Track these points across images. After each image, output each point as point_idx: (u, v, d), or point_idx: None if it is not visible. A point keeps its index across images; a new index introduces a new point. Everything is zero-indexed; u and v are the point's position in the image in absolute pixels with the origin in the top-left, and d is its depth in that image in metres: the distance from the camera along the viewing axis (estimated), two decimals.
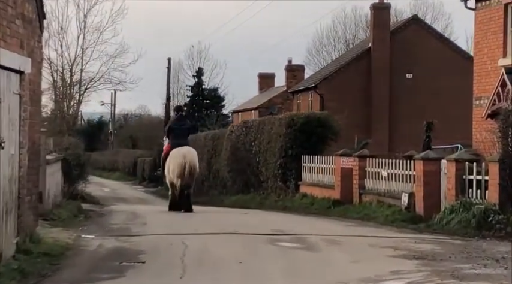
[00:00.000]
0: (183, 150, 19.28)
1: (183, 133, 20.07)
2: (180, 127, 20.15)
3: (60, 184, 21.63)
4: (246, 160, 27.06)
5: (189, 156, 19.18)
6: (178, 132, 19.95)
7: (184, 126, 20.35)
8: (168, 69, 55.22)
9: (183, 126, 20.28)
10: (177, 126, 20.19)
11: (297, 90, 48.98)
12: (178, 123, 20.40)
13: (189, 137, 20.76)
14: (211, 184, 32.72)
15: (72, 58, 37.69)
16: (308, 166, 23.40)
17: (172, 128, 20.24)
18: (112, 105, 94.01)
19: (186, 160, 18.99)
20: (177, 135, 19.89)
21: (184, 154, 19.17)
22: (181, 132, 19.99)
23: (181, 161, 19.00)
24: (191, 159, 19.17)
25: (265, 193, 25.65)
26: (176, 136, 19.88)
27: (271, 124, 25.15)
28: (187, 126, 20.70)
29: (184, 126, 20.36)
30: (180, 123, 20.39)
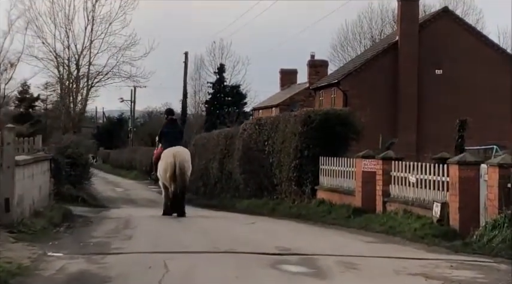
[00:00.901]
0: (173, 150, 18.67)
1: (175, 136, 19.48)
2: (172, 130, 19.60)
3: (48, 188, 19.29)
4: (258, 161, 24.61)
5: (179, 155, 18.48)
6: (171, 135, 19.39)
7: (176, 129, 19.85)
8: (184, 63, 53.02)
9: (174, 129, 19.76)
10: (168, 130, 19.65)
11: (319, 87, 46.69)
12: (169, 126, 19.81)
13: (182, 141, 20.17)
14: (224, 186, 30.32)
15: (79, 50, 35.41)
16: (326, 169, 20.89)
17: (164, 132, 19.70)
18: (132, 101, 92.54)
19: (176, 159, 18.33)
20: (169, 139, 19.33)
21: (174, 153, 18.51)
22: (174, 135, 19.43)
23: (171, 160, 18.41)
24: (181, 158, 18.45)
25: (279, 198, 23.18)
26: (168, 140, 19.31)
27: (286, 122, 22.65)
28: (179, 129, 20.25)
29: (176, 130, 19.86)
30: (172, 126, 19.82)
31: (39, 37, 34.62)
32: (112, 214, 21.77)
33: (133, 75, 36.41)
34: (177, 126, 20.34)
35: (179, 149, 18.80)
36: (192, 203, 33.32)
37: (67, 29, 35.09)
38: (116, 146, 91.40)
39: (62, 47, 35.07)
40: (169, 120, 20.11)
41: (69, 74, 35.27)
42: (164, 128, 19.95)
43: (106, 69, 35.77)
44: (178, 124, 20.68)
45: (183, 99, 54.17)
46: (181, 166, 18.41)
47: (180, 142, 19.53)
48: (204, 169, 33.55)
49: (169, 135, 19.46)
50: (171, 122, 20.05)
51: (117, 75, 35.92)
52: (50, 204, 19.06)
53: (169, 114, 20.57)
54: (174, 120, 20.42)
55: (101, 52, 35.58)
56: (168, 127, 19.86)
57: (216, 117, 64.23)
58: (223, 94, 69.25)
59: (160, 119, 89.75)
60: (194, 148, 37.09)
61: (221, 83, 69.89)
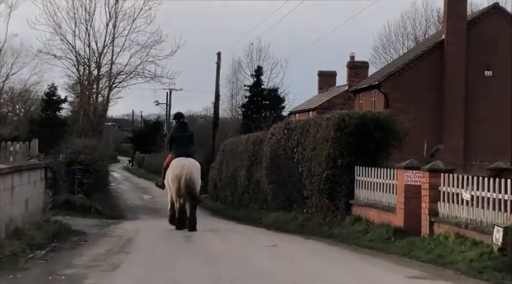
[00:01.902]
0: (182, 161, 17.86)
1: (186, 141, 18.73)
2: (182, 135, 18.82)
3: (42, 200, 16.77)
4: (287, 170, 21.86)
5: (186, 168, 17.62)
6: (181, 140, 18.68)
7: (186, 133, 18.95)
8: (217, 64, 50.36)
9: (185, 134, 18.91)
10: (179, 135, 18.89)
11: (358, 89, 43.91)
12: (179, 130, 19.06)
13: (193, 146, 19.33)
14: (251, 196, 27.64)
15: (100, 48, 32.96)
16: (362, 181, 18.06)
17: (174, 137, 19.06)
18: (167, 105, 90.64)
19: (182, 172, 17.56)
20: (179, 144, 18.61)
21: (182, 165, 17.72)
22: (184, 140, 18.71)
23: (178, 173, 17.67)
24: (188, 171, 17.58)
25: (309, 212, 20.40)
26: (179, 145, 18.59)
27: (317, 126, 19.87)
28: (190, 133, 19.20)
29: (187, 134, 18.97)
30: (182, 130, 19.01)
31: (58, 34, 32.32)
32: (118, 229, 19.28)
33: (158, 76, 33.82)
34: (188, 130, 19.27)
35: (187, 161, 17.89)
36: (219, 213, 30.88)
37: (87, 25, 32.72)
38: (152, 150, 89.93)
39: (82, 44, 32.78)
40: (179, 124, 19.25)
41: (89, 74, 32.86)
42: (174, 132, 19.26)
43: (129, 68, 33.32)
44: (188, 129, 19.55)
45: (215, 101, 51.49)
46: (188, 179, 17.56)
47: (190, 148, 18.79)
48: (232, 177, 30.95)
49: (179, 139, 18.72)
50: (182, 126, 19.17)
51: (141, 75, 33.39)
52: (43, 219, 16.54)
53: (180, 118, 19.56)
54: (185, 124, 19.43)
55: (123, 50, 33.14)
56: (177, 131, 19.16)
57: (253, 121, 61.97)
58: (260, 98, 67.02)
59: (200, 123, 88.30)
60: (223, 153, 34.56)
61: (258, 86, 67.61)
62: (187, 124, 19.64)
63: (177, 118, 19.62)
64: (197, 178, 17.98)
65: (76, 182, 25.68)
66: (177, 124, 19.49)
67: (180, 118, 19.48)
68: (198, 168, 18.25)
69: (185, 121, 19.64)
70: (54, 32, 32.14)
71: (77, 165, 25.59)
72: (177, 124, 19.39)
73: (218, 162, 35.33)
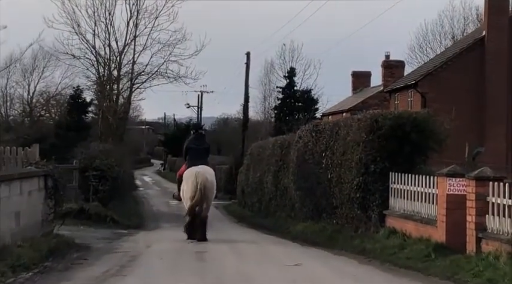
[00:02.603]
0: (196, 169, 17.29)
1: (201, 153, 18.04)
2: (198, 147, 18.07)
3: (40, 212, 15.11)
4: (315, 176, 19.98)
5: (200, 175, 17.06)
6: (196, 152, 17.95)
7: (202, 146, 18.25)
8: (246, 65, 48.70)
9: (201, 146, 18.19)
10: (194, 146, 18.08)
11: (394, 89, 41.91)
12: (195, 142, 18.23)
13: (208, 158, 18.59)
14: (279, 203, 25.81)
15: (120, 47, 31.29)
16: (398, 189, 16.13)
17: (189, 148, 18.17)
18: (198, 107, 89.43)
19: (197, 179, 16.98)
20: (194, 155, 17.89)
21: (196, 173, 17.13)
22: (199, 152, 17.99)
23: (193, 180, 17.09)
24: (203, 179, 17.02)
25: (338, 223, 18.52)
26: (193, 157, 17.87)
27: (348, 128, 17.97)
28: (206, 146, 18.55)
29: (203, 146, 18.27)
30: (198, 142, 18.23)
31: (77, 33, 30.73)
32: (129, 242, 17.60)
33: (182, 76, 32.05)
34: (204, 143, 18.58)
35: (202, 169, 17.35)
36: (245, 221, 29.13)
37: (107, 23, 31.07)
38: None
39: (102, 44, 31.15)
40: (195, 135, 18.50)
41: (109, 74, 31.21)
42: (189, 143, 18.29)
43: (150, 68, 31.57)
44: (205, 141, 18.83)
45: (244, 103, 49.84)
46: (203, 188, 17.01)
47: (205, 160, 18.08)
48: (259, 182, 29.16)
49: (194, 151, 17.99)
50: (198, 137, 18.41)
51: (163, 75, 31.65)
52: (41, 234, 14.86)
53: (197, 129, 19.02)
54: (201, 136, 18.71)
55: (145, 49, 31.42)
56: (193, 142, 18.26)
57: (285, 123, 60.42)
58: (293, 100, 65.76)
59: (235, 126, 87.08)
60: (250, 157, 32.81)
61: (291, 88, 66.36)
62: (204, 136, 18.96)
63: (195, 129, 19.09)
64: (211, 187, 17.39)
65: (91, 189, 24.04)
66: (193, 136, 18.58)
67: (198, 129, 18.95)
68: (212, 174, 17.68)
69: (202, 132, 18.92)
70: (72, 31, 30.55)
71: (92, 171, 23.93)
72: (194, 136, 18.53)
73: (245, 167, 33.58)
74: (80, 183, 24.08)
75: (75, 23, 30.69)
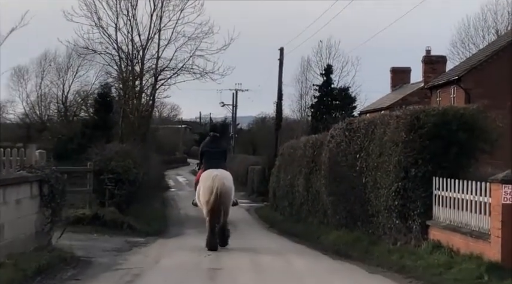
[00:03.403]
0: (213, 172, 16.49)
1: (218, 157, 17.24)
2: (214, 150, 17.32)
3: (34, 223, 13.27)
4: (348, 180, 17.93)
5: (218, 179, 16.20)
6: (212, 155, 17.21)
7: (218, 149, 17.50)
8: (279, 61, 46.66)
9: (217, 148, 17.43)
10: (210, 149, 17.36)
11: (435, 85, 39.72)
12: (211, 145, 17.49)
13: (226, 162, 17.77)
14: (310, 209, 23.80)
15: (143, 41, 29.43)
16: (443, 196, 14.00)
17: (204, 151, 17.48)
18: (233, 106, 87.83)
19: (214, 183, 16.17)
20: (210, 159, 17.16)
21: (213, 176, 16.31)
22: (215, 155, 17.21)
23: (209, 184, 16.29)
24: (220, 183, 16.17)
25: (375, 233, 16.44)
26: (209, 160, 17.13)
27: (385, 126, 15.87)
28: (222, 149, 17.83)
29: (219, 149, 17.50)
30: (214, 145, 17.49)
31: (97, 26, 28.94)
32: (138, 254, 15.70)
33: (209, 71, 30.10)
34: (221, 146, 17.86)
35: (219, 172, 16.56)
36: (276, 227, 27.19)
37: (130, 16, 29.23)
38: None
39: (124, 38, 29.33)
40: (211, 138, 17.65)
41: (132, 70, 29.38)
42: (205, 147, 17.56)
43: (174, 63, 29.61)
44: (222, 143, 18.24)
45: (277, 101, 47.76)
46: (220, 192, 16.15)
47: (222, 164, 17.18)
48: (290, 185, 27.17)
49: (209, 155, 17.21)
50: (214, 140, 17.59)
51: (189, 70, 29.72)
52: (34, 247, 13.04)
53: (214, 131, 18.07)
54: (218, 138, 17.85)
55: (170, 43, 29.48)
56: (209, 145, 17.50)
57: (322, 122, 58.59)
58: (330, 98, 63.95)
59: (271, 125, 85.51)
60: (281, 158, 30.82)
61: (328, 85, 64.54)
62: (220, 139, 18.19)
63: (212, 131, 18.22)
64: (228, 191, 16.53)
65: (107, 193, 22.23)
66: (209, 138, 17.76)
67: (214, 131, 18.03)
68: (230, 179, 16.80)
69: (218, 135, 17.90)
70: (93, 24, 28.77)
71: (107, 174, 22.13)
72: (210, 138, 17.71)
73: (276, 168, 31.61)
74: (95, 187, 22.29)
75: (96, 16, 28.91)
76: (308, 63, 69.15)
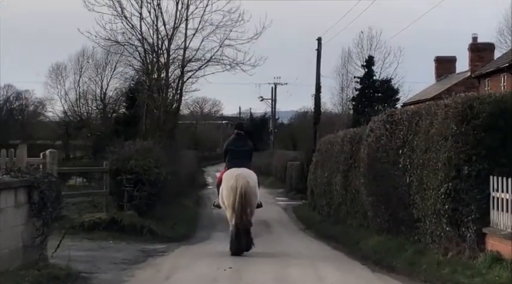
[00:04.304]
0: (236, 171, 15.86)
1: (242, 156, 16.56)
2: (239, 148, 16.66)
3: (20, 236, 11.38)
4: (390, 179, 15.78)
5: (241, 178, 15.56)
6: (236, 154, 16.55)
7: (243, 147, 16.78)
8: (317, 51, 44.54)
9: (242, 147, 16.74)
10: (234, 148, 16.71)
11: (483, 74, 37.36)
12: (236, 143, 16.81)
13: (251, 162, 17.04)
14: (349, 209, 21.68)
15: (169, 31, 27.49)
16: (503, 199, 11.81)
17: (228, 150, 16.86)
18: (272, 100, 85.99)
19: (237, 183, 15.52)
20: (234, 158, 16.50)
21: (236, 176, 15.68)
22: (240, 154, 16.53)
23: (232, 184, 15.62)
24: (244, 182, 15.52)
25: (422, 241, 14.27)
26: (233, 159, 16.47)
27: (431, 118, 13.70)
28: (248, 147, 16.99)
29: (244, 148, 16.78)
30: (239, 143, 16.81)
31: (120, 16, 27.07)
32: (150, 267, 13.83)
33: (239, 62, 28.05)
34: (245, 144, 16.95)
35: (243, 171, 15.82)
36: (312, 229, 25.12)
37: (154, 5, 27.34)
38: (258, 149, 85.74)
39: (148, 28, 27.41)
40: (236, 136, 16.93)
41: (157, 62, 27.48)
42: (229, 145, 16.88)
43: (201, 53, 27.63)
44: (247, 142, 17.16)
45: (315, 93, 45.64)
46: (244, 192, 15.41)
47: (247, 164, 16.37)
48: (327, 183, 25.08)
49: (234, 153, 16.52)
50: (239, 138, 16.85)
51: (218, 61, 27.70)
52: (20, 263, 11.17)
53: (239, 129, 17.26)
54: (242, 136, 17.06)
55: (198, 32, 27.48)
56: (233, 144, 16.78)
57: (363, 115, 56.55)
58: (372, 90, 62.07)
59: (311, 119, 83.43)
60: (318, 154, 28.70)
61: (370, 77, 62.69)
62: (245, 138, 17.23)
63: (237, 129, 17.35)
64: (253, 192, 15.68)
65: (125, 195, 20.40)
66: (233, 136, 17.02)
67: (239, 129, 17.23)
68: (254, 179, 15.98)
69: (242, 133, 17.08)
70: (115, 14, 26.93)
71: (125, 175, 20.30)
72: (234, 137, 16.97)
73: (313, 164, 29.50)
74: (112, 189, 20.48)
75: (118, 4, 27.03)
76: (349, 55, 67.25)
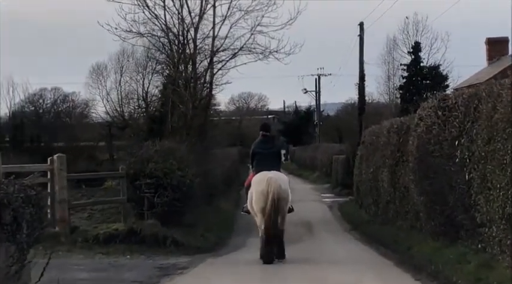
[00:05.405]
0: (267, 175, 14.93)
1: (271, 158, 15.75)
2: (266, 151, 15.87)
3: None
4: (445, 176, 13.32)
5: (273, 182, 14.67)
6: (264, 157, 15.76)
7: (271, 149, 16.00)
8: (360, 37, 42.05)
9: (269, 149, 15.94)
10: (261, 150, 15.93)
11: None
12: (263, 146, 16.04)
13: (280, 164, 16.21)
14: (398, 209, 19.26)
15: (195, 19, 25.26)
16: None
17: (255, 153, 16.07)
18: (316, 92, 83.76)
19: (269, 188, 14.60)
20: (262, 161, 15.68)
21: (267, 179, 14.75)
22: (268, 157, 15.74)
23: (263, 189, 14.71)
24: (276, 186, 14.61)
25: (487, 250, 11.81)
26: (261, 163, 15.65)
27: (494, 100, 11.22)
28: (275, 149, 16.26)
29: (272, 150, 16.01)
30: (266, 146, 16.03)
31: (141, 6, 24.89)
32: None
33: (272, 50, 25.69)
34: (274, 146, 16.29)
35: (274, 175, 15.03)
36: (359, 229, 22.71)
37: None
38: (304, 142, 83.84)
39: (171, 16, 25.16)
40: (262, 138, 16.11)
41: (183, 52, 25.26)
42: (256, 148, 16.06)
43: (229, 41, 25.29)
44: (274, 143, 16.60)
45: (359, 82, 43.09)
46: (276, 197, 14.63)
47: (276, 167, 15.57)
48: (373, 179, 22.67)
49: (261, 156, 15.76)
50: (265, 141, 16.04)
51: (251, 50, 25.42)
52: None
53: (265, 130, 16.37)
54: (269, 138, 16.35)
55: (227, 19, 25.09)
56: (260, 146, 15.99)
57: (412, 104, 54.03)
58: (419, 77, 59.69)
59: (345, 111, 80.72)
60: (363, 147, 26.28)
61: (417, 64, 60.15)
62: (272, 139, 16.72)
63: (263, 130, 16.29)
64: (286, 196, 14.84)
65: (145, 203, 18.27)
66: (260, 138, 16.16)
67: (265, 130, 16.29)
68: (286, 182, 15.14)
69: (268, 134, 16.27)
70: (136, 4, 24.80)
71: (144, 179, 18.16)
72: (260, 138, 16.12)
73: (358, 158, 27.10)
74: (130, 195, 18.36)
75: None
76: (394, 42, 64.79)
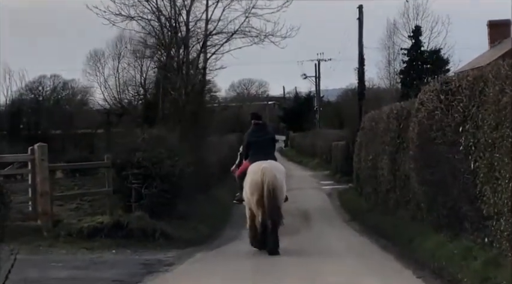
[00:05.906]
0: (262, 164, 14.62)
1: (266, 146, 15.44)
2: (261, 138, 15.51)
3: None
4: (448, 164, 12.43)
5: (268, 172, 14.38)
6: (259, 145, 15.38)
7: (266, 136, 15.67)
8: (359, 20, 41.12)
9: (264, 136, 15.60)
10: (255, 139, 15.55)
11: None
12: (257, 134, 15.65)
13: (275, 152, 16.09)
14: (399, 198, 18.41)
15: (187, 1, 24.31)
16: None
17: (250, 142, 15.62)
18: (316, 77, 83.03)
19: (264, 178, 14.34)
20: (257, 150, 15.31)
21: (262, 169, 14.47)
22: (263, 145, 15.40)
23: (258, 179, 14.44)
24: (271, 176, 14.33)
25: (494, 245, 10.91)
26: (257, 151, 15.28)
27: (502, 82, 10.30)
28: (270, 136, 15.86)
29: (267, 137, 15.68)
30: (260, 134, 15.64)
31: None
32: None
33: (268, 34, 24.82)
34: (267, 133, 15.93)
35: (269, 164, 14.87)
36: (358, 219, 21.91)
37: None
38: (304, 128, 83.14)
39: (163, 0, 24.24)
40: (256, 127, 15.83)
41: (175, 36, 24.33)
42: (250, 137, 15.78)
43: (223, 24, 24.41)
44: (268, 130, 16.20)
45: (358, 67, 42.18)
46: (271, 187, 14.45)
47: (271, 154, 15.51)
48: (372, 167, 21.84)
49: (257, 145, 15.48)
50: (259, 129, 15.79)
51: (245, 33, 24.53)
52: None
53: (256, 118, 16.09)
54: (262, 126, 16.04)
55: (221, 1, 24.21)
56: (254, 135, 15.70)
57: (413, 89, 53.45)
58: (420, 62, 59.09)
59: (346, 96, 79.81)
60: (362, 133, 25.43)
61: (417, 49, 59.50)
62: (265, 126, 16.30)
63: (254, 118, 15.99)
64: (281, 186, 14.67)
65: (133, 194, 17.41)
66: (252, 127, 15.84)
67: (256, 118, 16.00)
68: (282, 171, 14.99)
69: (261, 122, 15.98)
70: None
71: (131, 169, 17.30)
72: (253, 127, 15.80)
73: (357, 145, 26.26)
74: (116, 187, 17.49)
75: None
76: (394, 26, 64.01)
